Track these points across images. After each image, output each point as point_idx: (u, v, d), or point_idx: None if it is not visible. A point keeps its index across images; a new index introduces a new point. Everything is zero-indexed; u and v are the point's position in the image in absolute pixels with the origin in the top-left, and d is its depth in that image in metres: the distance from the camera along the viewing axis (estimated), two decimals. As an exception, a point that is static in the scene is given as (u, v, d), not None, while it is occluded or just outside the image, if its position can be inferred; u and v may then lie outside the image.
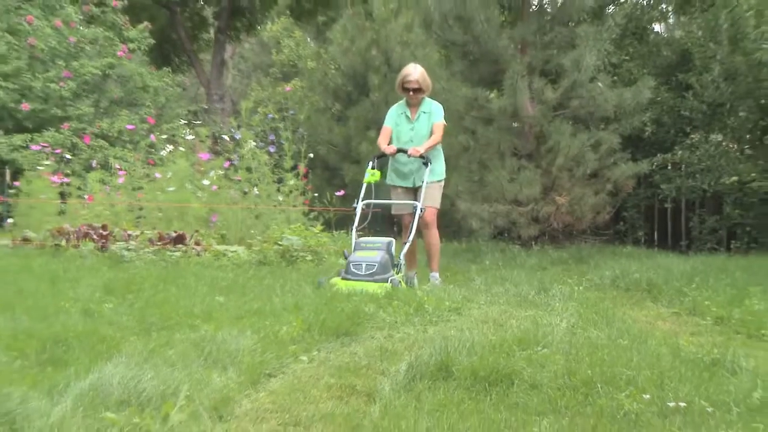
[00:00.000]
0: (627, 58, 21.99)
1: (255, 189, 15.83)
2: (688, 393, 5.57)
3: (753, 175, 19.47)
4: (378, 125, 20.78)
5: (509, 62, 17.60)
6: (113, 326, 7.33)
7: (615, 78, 19.87)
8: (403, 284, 10.30)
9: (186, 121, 22.77)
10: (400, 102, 11.87)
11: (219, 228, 14.97)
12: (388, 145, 11.68)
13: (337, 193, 18.52)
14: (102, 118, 23.16)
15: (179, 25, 34.90)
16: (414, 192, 11.88)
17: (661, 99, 20.37)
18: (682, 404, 5.34)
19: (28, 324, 7.17)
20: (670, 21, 24.95)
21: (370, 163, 11.58)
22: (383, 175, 11.93)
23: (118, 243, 13.38)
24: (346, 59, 22.74)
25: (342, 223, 17.44)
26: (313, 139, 21.21)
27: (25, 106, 22.75)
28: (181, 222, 14.86)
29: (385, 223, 18.57)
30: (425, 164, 11.34)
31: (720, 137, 20.88)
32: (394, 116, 11.80)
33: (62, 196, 16.62)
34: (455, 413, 5.05)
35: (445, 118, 11.89)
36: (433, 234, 11.87)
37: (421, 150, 11.19)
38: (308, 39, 39.95)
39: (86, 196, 16.17)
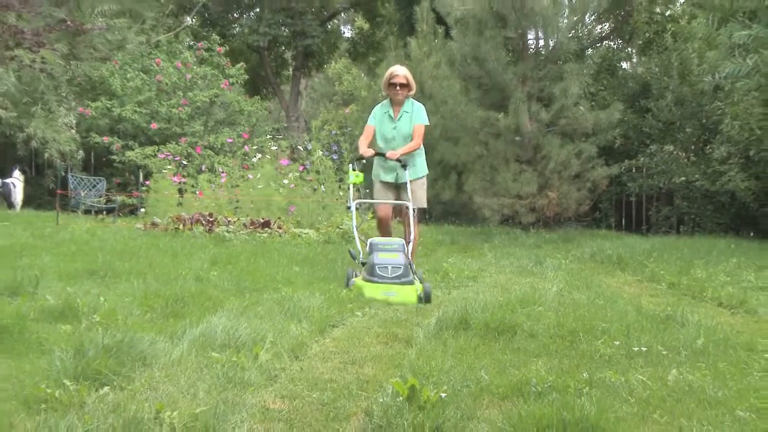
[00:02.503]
0: (602, 88, 21.90)
1: (322, 187, 15.85)
2: (648, 340, 5.56)
3: (696, 176, 19.47)
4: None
5: (513, 91, 17.60)
6: (217, 289, 7.37)
7: (593, 103, 19.76)
8: (420, 285, 7.74)
9: (271, 136, 22.82)
10: (384, 102, 9.74)
11: (295, 216, 14.99)
12: (370, 144, 9.65)
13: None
14: (209, 134, 23.21)
15: (266, 64, 34.92)
16: (396, 187, 9.64)
17: (627, 119, 20.26)
18: (644, 349, 5.34)
19: (155, 287, 7.21)
20: (634, 60, 24.80)
21: (352, 165, 9.60)
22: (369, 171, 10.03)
23: (221, 227, 13.43)
24: (390, 89, 22.64)
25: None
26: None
27: (154, 126, 22.89)
28: (267, 211, 14.90)
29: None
30: (403, 167, 9.25)
31: (672, 148, 20.83)
32: (378, 115, 9.66)
33: (180, 192, 16.69)
34: (472, 355, 5.05)
35: (451, 126, 11.11)
36: (415, 228, 9.28)
37: (397, 155, 9.12)
38: (362, 74, 39.82)
39: (198, 192, 16.23)
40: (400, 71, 9.46)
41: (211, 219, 13.82)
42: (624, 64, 24.76)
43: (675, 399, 4.20)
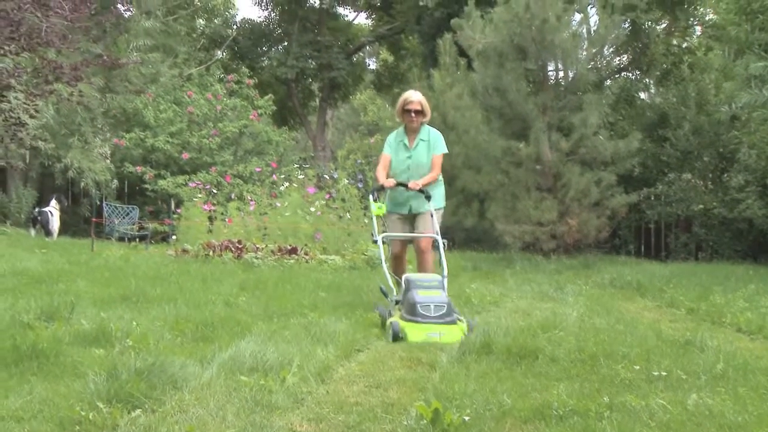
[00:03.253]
0: (620, 118, 21.85)
1: (347, 214, 15.88)
2: (668, 365, 5.52)
3: (714, 204, 19.49)
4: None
5: (534, 121, 17.60)
6: (246, 313, 7.38)
7: (612, 132, 19.72)
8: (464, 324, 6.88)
9: (298, 165, 22.92)
10: (399, 129, 8.81)
11: (321, 242, 15.01)
12: (387, 174, 8.67)
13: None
14: (238, 163, 23.32)
15: (294, 96, 35.14)
16: (410, 219, 8.81)
17: (646, 148, 20.19)
18: (664, 373, 5.29)
19: (186, 311, 7.24)
20: (652, 91, 24.75)
21: (371, 196, 8.57)
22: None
23: (249, 253, 13.45)
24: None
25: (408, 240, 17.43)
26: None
27: (185, 156, 23.01)
28: (294, 238, 14.93)
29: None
30: (427, 198, 8.41)
31: (690, 176, 20.79)
32: (393, 144, 8.71)
33: (210, 219, 16.76)
34: (494, 379, 5.02)
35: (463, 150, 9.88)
36: (429, 259, 8.68)
37: (420, 185, 8.28)
38: (386, 105, 39.98)
39: (227, 219, 16.30)
40: (415, 97, 8.57)
41: (239, 246, 13.85)
42: (642, 95, 24.70)
43: (695, 423, 4.17)
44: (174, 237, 17.97)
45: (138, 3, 26.90)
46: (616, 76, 23.79)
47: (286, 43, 35.34)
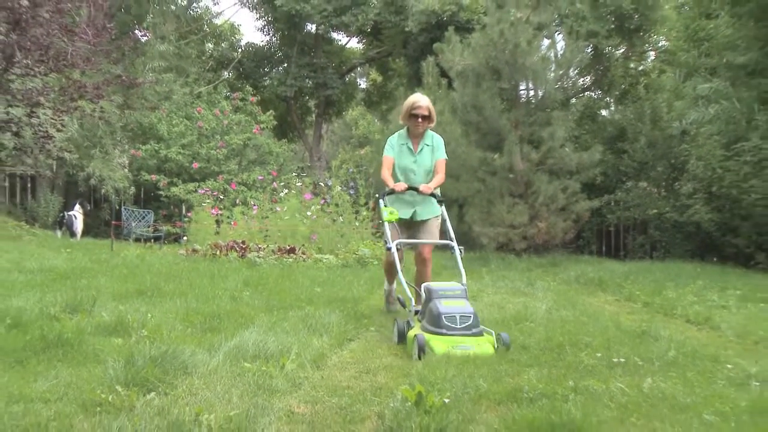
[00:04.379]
0: (584, 132, 21.94)
1: (340, 218, 15.87)
2: (626, 352, 5.53)
3: (667, 209, 19.60)
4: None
5: (507, 135, 17.67)
6: (249, 307, 7.36)
7: (576, 145, 19.79)
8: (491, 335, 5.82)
9: (296, 174, 22.90)
10: (400, 132, 7.70)
11: (317, 243, 14.99)
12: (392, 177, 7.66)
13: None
14: (243, 172, 23.33)
15: (292, 112, 35.12)
16: (412, 225, 7.70)
17: (607, 159, 20.25)
18: (622, 360, 5.31)
19: (195, 305, 7.21)
20: (612, 108, 24.88)
21: (382, 202, 7.33)
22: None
23: (252, 253, 13.43)
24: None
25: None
26: (378, 184, 21.21)
27: (195, 165, 23.02)
28: (292, 239, 14.91)
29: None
30: (440, 202, 7.40)
31: (645, 184, 20.88)
32: (396, 147, 7.62)
33: (217, 222, 16.72)
34: (472, 365, 5.01)
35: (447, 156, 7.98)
36: (430, 269, 7.65)
37: (431, 189, 7.27)
38: (376, 120, 39.99)
39: (232, 222, 16.27)
40: (423, 102, 7.46)
41: (243, 246, 13.83)
42: (603, 112, 24.81)
43: (650, 404, 4.18)
44: (185, 238, 17.94)
45: (154, 29, 27.05)
46: (581, 95, 23.90)
47: (285, 65, 35.31)
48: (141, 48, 25.93)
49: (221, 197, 19.99)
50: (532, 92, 19.06)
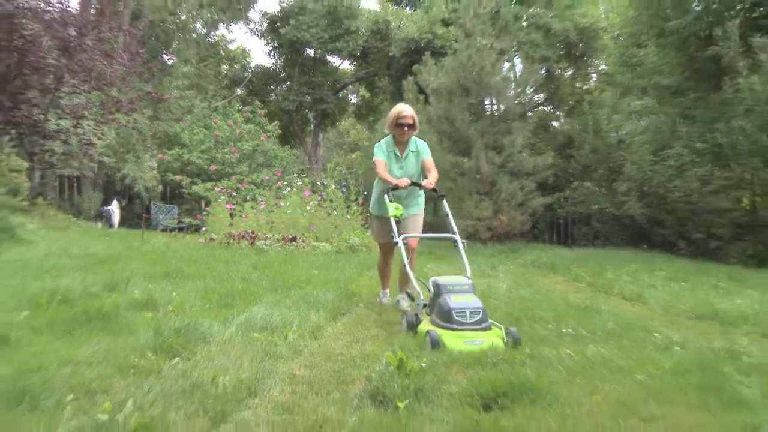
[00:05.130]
0: (539, 140, 22.00)
1: (334, 211, 15.82)
2: (573, 324, 5.54)
3: (606, 204, 19.72)
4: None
5: (474, 142, 17.71)
6: (257, 286, 7.33)
7: (532, 151, 19.84)
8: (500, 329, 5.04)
9: (297, 174, 22.82)
10: (386, 139, 6.98)
11: (315, 233, 14.94)
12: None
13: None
14: (252, 173, 23.27)
15: (294, 123, 35.03)
16: (398, 222, 6.61)
17: (557, 163, 20.32)
18: (570, 330, 5.33)
19: (212, 285, 7.19)
20: (561, 121, 24.98)
21: (387, 197, 6.53)
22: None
23: (260, 241, 13.40)
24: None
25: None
26: (366, 184, 21.21)
27: (212, 167, 23.02)
28: (294, 229, 14.85)
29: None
30: (441, 197, 6.65)
31: (589, 184, 20.95)
32: (385, 152, 6.90)
33: (231, 215, 16.64)
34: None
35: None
36: (415, 260, 7.02)
37: (433, 184, 6.55)
38: (364, 129, 39.93)
39: (243, 215, 16.20)
40: (408, 111, 6.83)
41: (253, 235, 13.79)
42: (554, 123, 24.93)
43: (592, 367, 4.19)
44: (204, 229, 17.83)
45: (178, 54, 27.09)
46: (535, 109, 24.00)
47: (288, 83, 35.20)
48: (167, 69, 26.04)
49: (234, 194, 19.89)
50: (495, 106, 19.12)
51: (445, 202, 6.54)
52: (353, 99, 40.71)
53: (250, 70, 36.09)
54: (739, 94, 13.27)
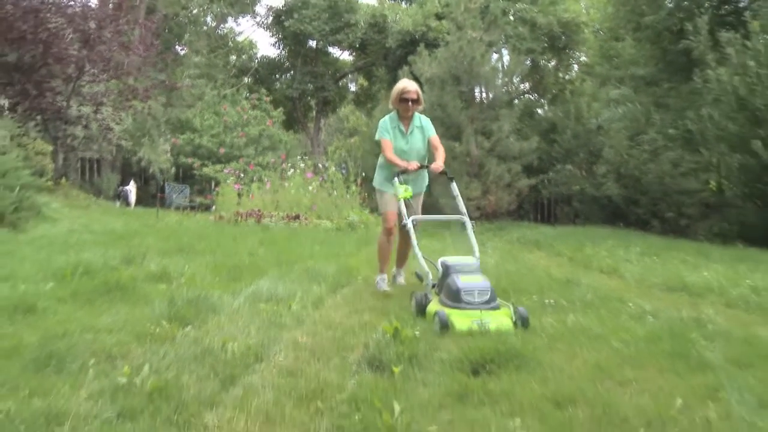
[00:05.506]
0: (525, 126, 21.89)
1: (335, 192, 15.78)
2: (555, 296, 5.56)
3: (586, 185, 19.70)
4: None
5: (465, 128, 17.72)
6: (263, 261, 7.33)
7: (518, 136, 19.76)
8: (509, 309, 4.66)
9: (300, 157, 22.71)
10: (391, 115, 6.39)
11: (317, 211, 14.90)
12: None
13: (377, 194, 18.55)
14: (258, 156, 23.16)
15: (298, 109, 34.83)
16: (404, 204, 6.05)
17: (541, 147, 20.25)
18: (552, 301, 5.34)
19: (222, 259, 7.19)
20: (546, 108, 24.90)
21: (396, 180, 5.97)
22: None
23: (266, 219, 13.38)
24: (382, 126, 22.75)
25: (376, 209, 17.44)
26: (364, 166, 21.16)
27: (222, 150, 22.91)
28: (297, 208, 14.78)
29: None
30: (450, 179, 6.18)
31: (570, 167, 20.90)
32: (390, 129, 6.30)
33: (239, 195, 16.58)
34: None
35: None
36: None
37: (441, 166, 6.04)
38: (362, 115, 39.75)
39: (251, 195, 16.14)
40: (412, 87, 6.34)
41: (259, 213, 13.76)
42: (539, 110, 24.86)
43: (572, 335, 4.21)
44: (214, 207, 17.78)
45: (190, 45, 26.99)
46: (522, 97, 23.87)
47: (292, 72, 34.99)
48: (180, 59, 26.02)
49: (242, 175, 19.81)
50: (484, 95, 19.12)
51: (454, 184, 6.07)
52: (352, 87, 40.48)
53: (256, 60, 35.88)
54: (707, 85, 13.27)
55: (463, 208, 5.83)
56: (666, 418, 2.74)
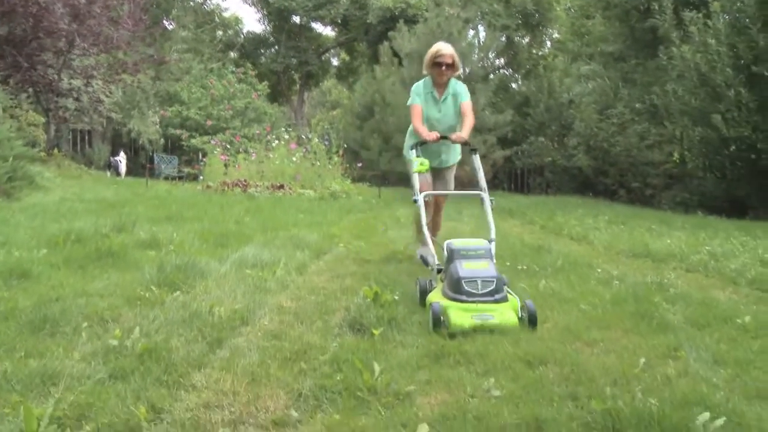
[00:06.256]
0: (499, 99, 21.91)
1: (318, 162, 15.70)
2: (528, 262, 5.60)
3: (558, 157, 19.86)
4: (374, 131, 20.66)
5: (441, 102, 17.63)
6: (249, 228, 7.30)
7: (494, 109, 19.76)
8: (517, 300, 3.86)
9: (284, 129, 22.53)
10: (425, 80, 5.63)
11: (300, 181, 14.83)
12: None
13: (358, 165, 18.51)
14: (244, 128, 23.00)
15: (282, 83, 34.56)
16: (436, 173, 5.79)
17: (515, 120, 20.29)
18: (525, 267, 5.37)
19: (209, 227, 7.14)
20: (520, 82, 24.87)
21: (414, 152, 5.24)
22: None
23: (251, 188, 13.31)
24: (363, 98, 22.54)
25: (358, 180, 17.38)
26: (346, 137, 21.08)
27: (209, 122, 22.74)
28: (282, 178, 14.70)
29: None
30: (472, 151, 5.36)
31: (543, 139, 21.01)
32: (422, 95, 5.58)
33: (225, 165, 16.44)
34: (416, 273, 5.04)
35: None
36: (441, 216, 6.26)
37: (465, 136, 5.19)
38: (344, 89, 39.47)
39: (237, 166, 16.02)
40: (447, 50, 5.50)
41: (245, 183, 13.69)
42: (513, 85, 24.83)
43: (543, 298, 4.23)
44: (201, 177, 17.64)
45: (178, 20, 26.66)
46: (497, 72, 23.86)
47: (276, 47, 34.70)
48: (168, 34, 25.68)
49: (228, 147, 19.65)
50: (461, 70, 19.01)
51: (476, 156, 5.31)
52: (335, 62, 40.19)
53: (242, 36, 35.49)
54: (672, 62, 13.34)
55: (483, 182, 5.09)
56: (630, 376, 2.78)
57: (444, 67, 5.42)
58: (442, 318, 3.55)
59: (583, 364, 2.95)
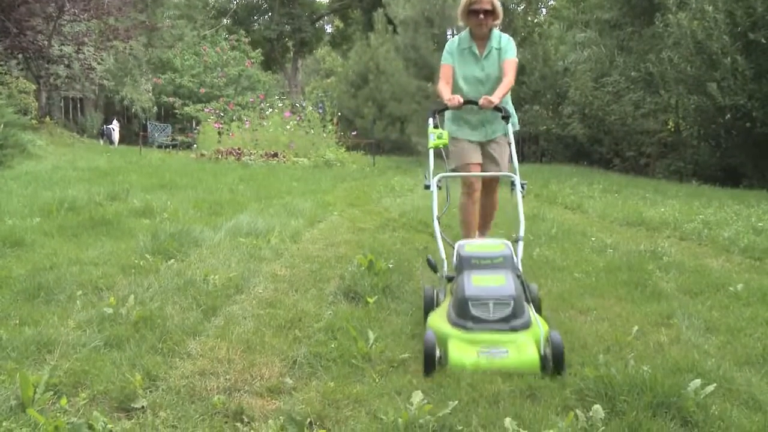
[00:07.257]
0: (493, 68, 21.71)
1: (312, 130, 15.62)
2: (525, 231, 5.57)
3: (553, 125, 19.76)
4: (368, 99, 20.56)
5: (437, 69, 17.47)
6: (243, 197, 7.29)
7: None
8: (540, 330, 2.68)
9: (278, 97, 22.40)
10: (462, 34, 4.42)
11: (294, 149, 14.76)
12: (452, 90, 4.30)
13: (352, 133, 18.45)
14: (238, 96, 22.86)
15: (275, 50, 34.25)
16: (482, 146, 4.48)
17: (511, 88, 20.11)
18: (521, 235, 5.35)
19: (203, 195, 7.14)
20: (515, 50, 24.64)
21: (431, 120, 4.13)
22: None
23: (245, 156, 13.25)
24: (357, 66, 22.34)
25: (352, 148, 17.31)
26: (340, 105, 20.96)
27: (202, 90, 22.69)
28: (275, 146, 14.64)
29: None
30: (504, 118, 4.14)
31: (538, 107, 20.88)
32: (455, 52, 4.36)
33: (219, 133, 16.35)
34: (411, 241, 5.05)
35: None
36: (494, 204, 4.80)
37: (496, 100, 4.01)
38: (338, 56, 39.14)
39: (230, 134, 15.93)
40: None
41: (239, 151, 13.64)
42: (507, 53, 24.61)
43: (537, 266, 4.26)
44: (195, 146, 17.55)
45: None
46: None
47: (270, 14, 34.39)
48: (160, 0, 25.29)
49: (222, 114, 19.55)
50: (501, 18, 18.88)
51: (509, 126, 4.22)
52: (328, 29, 39.83)
53: (235, 2, 35.11)
54: (668, 29, 13.24)
55: (515, 161, 4.04)
56: (623, 343, 2.80)
57: (482, 15, 4.24)
58: (438, 354, 2.58)
59: (576, 331, 2.97)
